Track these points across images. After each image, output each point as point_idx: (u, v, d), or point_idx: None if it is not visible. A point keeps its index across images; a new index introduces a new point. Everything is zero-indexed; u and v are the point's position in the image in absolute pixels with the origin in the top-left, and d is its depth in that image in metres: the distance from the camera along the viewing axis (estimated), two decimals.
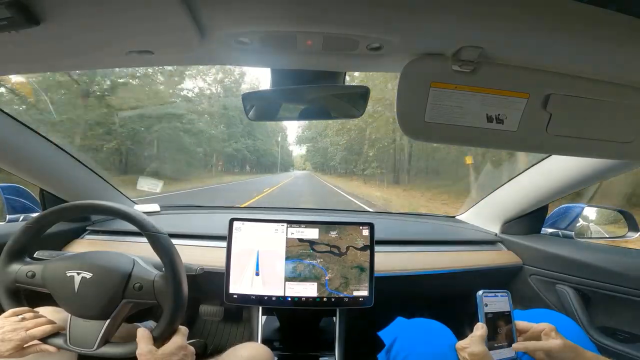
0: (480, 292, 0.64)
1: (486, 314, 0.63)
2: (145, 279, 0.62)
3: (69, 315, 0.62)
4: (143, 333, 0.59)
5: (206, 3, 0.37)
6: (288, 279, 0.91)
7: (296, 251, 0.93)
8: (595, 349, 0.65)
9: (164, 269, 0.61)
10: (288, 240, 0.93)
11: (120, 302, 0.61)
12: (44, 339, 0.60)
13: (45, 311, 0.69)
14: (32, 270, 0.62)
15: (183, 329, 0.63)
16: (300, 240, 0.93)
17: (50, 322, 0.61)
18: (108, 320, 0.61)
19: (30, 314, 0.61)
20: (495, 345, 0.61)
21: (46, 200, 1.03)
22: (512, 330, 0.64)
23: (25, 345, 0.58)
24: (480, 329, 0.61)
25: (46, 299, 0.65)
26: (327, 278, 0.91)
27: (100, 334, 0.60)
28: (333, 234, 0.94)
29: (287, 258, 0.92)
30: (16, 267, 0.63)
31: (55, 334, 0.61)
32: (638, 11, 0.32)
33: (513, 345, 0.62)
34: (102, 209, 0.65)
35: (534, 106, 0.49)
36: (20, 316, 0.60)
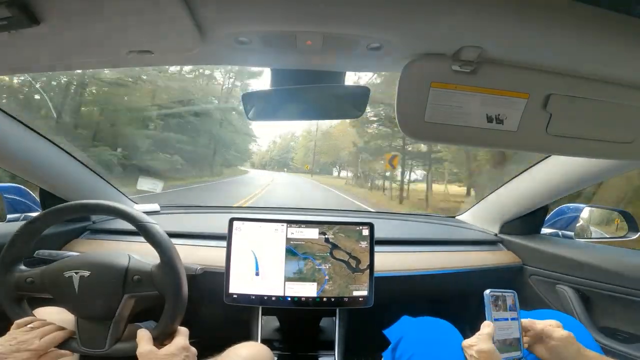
0: (487, 291, 0.64)
1: (493, 312, 0.63)
2: (143, 270, 0.62)
3: (75, 318, 0.62)
4: (143, 334, 0.59)
5: (206, 3, 0.37)
6: (288, 279, 0.91)
7: (316, 249, 0.93)
8: (600, 349, 0.65)
9: (159, 259, 0.62)
10: (313, 240, 0.93)
11: (123, 297, 0.61)
12: (58, 345, 0.60)
13: (48, 313, 0.69)
14: (30, 277, 0.62)
15: (183, 330, 0.63)
16: (326, 240, 0.93)
17: (60, 328, 0.61)
18: (114, 319, 0.61)
19: (38, 322, 0.61)
20: (502, 343, 0.61)
21: (46, 200, 1.03)
22: (519, 328, 0.64)
23: (42, 354, 0.57)
24: (487, 327, 0.61)
25: (50, 303, 0.65)
26: (326, 277, 0.91)
27: (110, 334, 0.60)
28: (364, 243, 0.94)
29: (287, 258, 0.92)
30: (15, 275, 0.62)
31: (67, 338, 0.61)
32: (638, 11, 0.32)
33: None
34: (88, 208, 0.66)
35: (534, 106, 0.49)
36: (28, 325, 0.59)
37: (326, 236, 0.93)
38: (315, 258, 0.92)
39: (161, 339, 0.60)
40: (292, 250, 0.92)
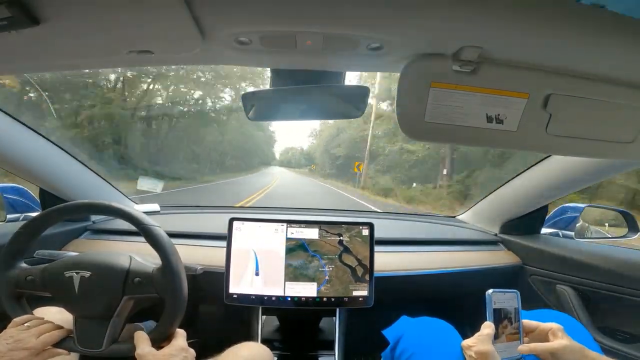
0: (490, 291, 0.63)
1: (495, 312, 0.63)
2: (144, 272, 0.62)
3: (73, 316, 0.62)
4: (140, 335, 0.59)
5: (206, 3, 0.37)
6: (288, 278, 0.91)
7: (326, 249, 0.92)
8: (600, 349, 0.65)
9: (160, 261, 0.61)
10: (326, 239, 0.93)
11: (122, 298, 0.61)
12: (55, 344, 0.60)
13: (48, 312, 0.68)
14: (31, 275, 0.62)
15: (181, 331, 0.63)
16: (339, 242, 0.93)
17: (58, 327, 0.61)
18: (112, 319, 0.61)
19: (35, 321, 0.60)
20: (502, 344, 0.61)
21: (46, 200, 1.03)
22: (519, 329, 0.63)
23: (38, 353, 0.57)
24: (487, 327, 0.60)
25: (48, 302, 0.65)
26: (326, 278, 0.91)
27: (107, 334, 0.60)
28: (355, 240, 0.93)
29: (295, 253, 0.92)
30: (15, 273, 0.62)
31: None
32: (638, 11, 0.32)
33: (519, 347, 0.61)
34: (92, 207, 0.66)
35: (534, 106, 0.49)
36: (26, 324, 0.59)
37: (341, 238, 0.93)
38: (322, 258, 0.92)
39: (159, 341, 0.60)
40: (304, 246, 0.92)
